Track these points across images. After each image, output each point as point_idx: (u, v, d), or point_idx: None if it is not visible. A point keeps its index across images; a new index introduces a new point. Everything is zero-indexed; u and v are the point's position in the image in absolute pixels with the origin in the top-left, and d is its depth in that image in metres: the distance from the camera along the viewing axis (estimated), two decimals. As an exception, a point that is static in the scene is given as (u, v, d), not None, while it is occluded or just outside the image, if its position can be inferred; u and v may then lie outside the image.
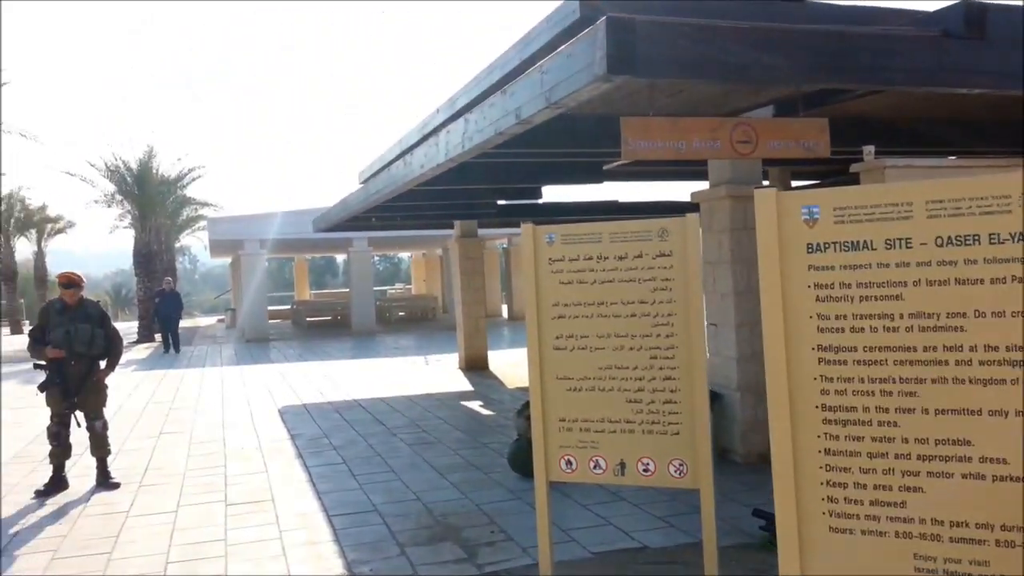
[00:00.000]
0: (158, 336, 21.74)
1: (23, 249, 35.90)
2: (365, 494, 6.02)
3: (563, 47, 4.15)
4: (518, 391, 11.02)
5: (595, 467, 3.65)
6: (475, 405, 10.03)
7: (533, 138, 5.97)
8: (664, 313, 3.49)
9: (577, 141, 7.00)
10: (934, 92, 4.96)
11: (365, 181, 12.29)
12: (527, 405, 7.58)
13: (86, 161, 26.14)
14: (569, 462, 3.71)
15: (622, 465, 3.60)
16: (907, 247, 2.27)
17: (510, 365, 14.00)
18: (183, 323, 27.77)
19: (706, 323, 6.41)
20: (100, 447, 6.57)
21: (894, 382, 2.33)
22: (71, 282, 6.47)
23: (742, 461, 6.40)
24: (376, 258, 44.22)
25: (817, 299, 2.34)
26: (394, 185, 8.03)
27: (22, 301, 34.32)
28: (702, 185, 7.29)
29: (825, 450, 2.42)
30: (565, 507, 5.37)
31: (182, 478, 6.75)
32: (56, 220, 36.86)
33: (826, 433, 2.40)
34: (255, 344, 21.53)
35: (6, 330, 33.25)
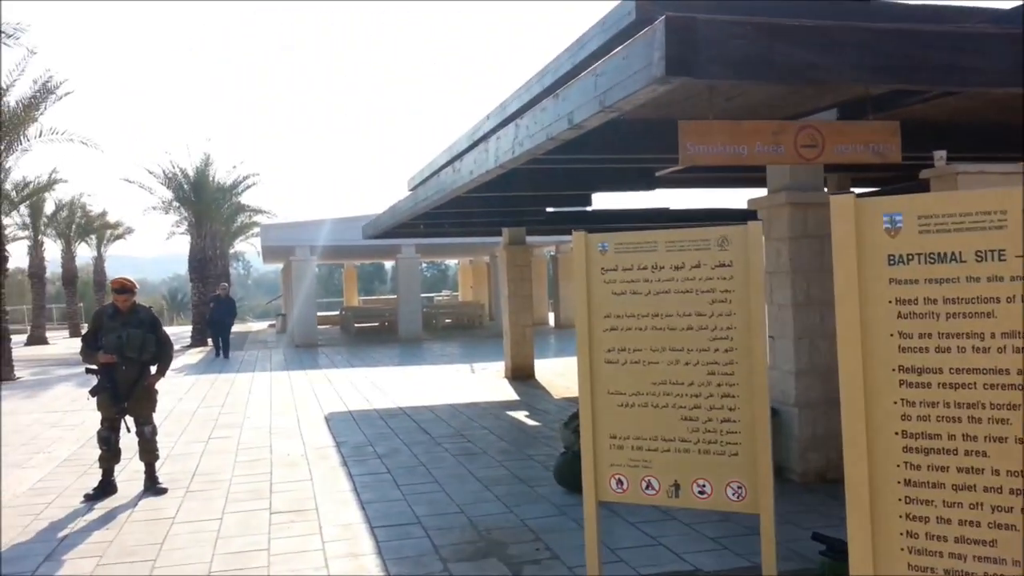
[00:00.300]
0: (211, 340, 21.91)
1: (83, 254, 37.03)
2: (408, 505, 5.92)
3: (618, 49, 4.00)
4: (564, 401, 10.84)
5: (647, 488, 3.47)
6: (521, 415, 9.88)
7: (584, 144, 5.83)
8: (723, 327, 3.30)
9: (628, 147, 6.83)
10: (1010, 93, 4.67)
11: (414, 188, 12.29)
12: (574, 417, 7.42)
13: (144, 168, 26.82)
14: (620, 481, 3.53)
15: (676, 486, 3.41)
16: (1000, 260, 2.06)
17: (556, 375, 13.82)
18: (235, 328, 28.30)
19: (762, 336, 6.17)
20: (148, 452, 6.61)
21: (984, 408, 2.12)
22: (124, 288, 6.53)
23: (799, 480, 6.13)
24: (423, 265, 44.50)
25: (899, 315, 2.14)
26: (443, 192, 7.96)
27: (81, 305, 35.36)
28: (758, 192, 7.05)
29: (905, 480, 2.21)
30: (613, 525, 5.19)
31: (228, 484, 6.75)
32: (115, 226, 37.95)
33: (906, 462, 2.20)
34: (304, 349, 21.75)
35: (65, 332, 34.30)
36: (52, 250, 33.49)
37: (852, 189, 10.07)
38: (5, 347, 16.62)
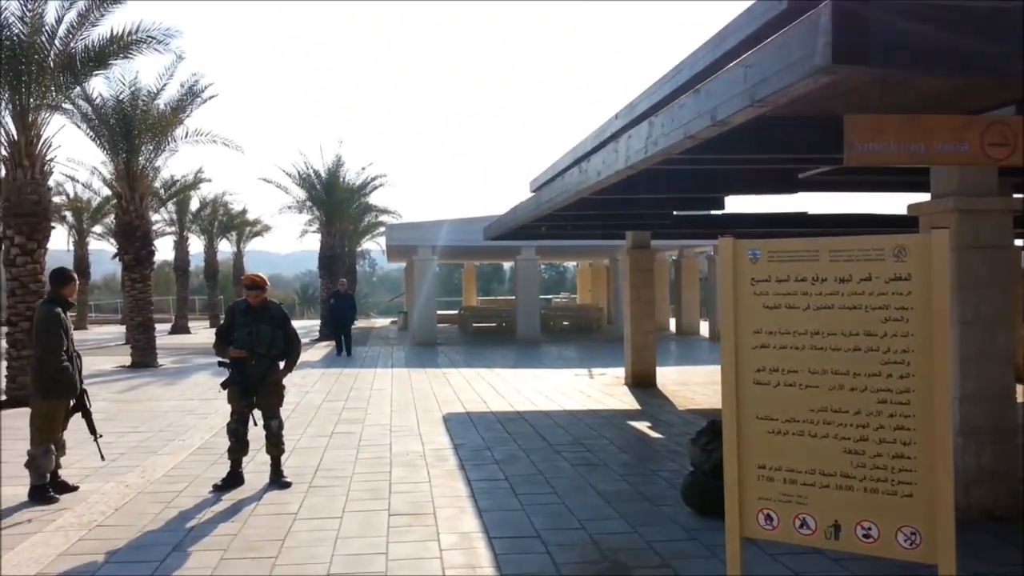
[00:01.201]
0: (333, 338, 21.46)
1: (224, 249, 39.33)
2: (527, 516, 5.71)
3: (774, 37, 3.62)
4: (689, 414, 10.36)
5: (801, 526, 3.09)
6: (642, 426, 9.50)
7: (719, 143, 5.43)
8: (898, 349, 2.88)
9: (768, 146, 6.34)
10: None
11: (537, 189, 12.12)
12: (702, 433, 6.99)
13: (280, 169, 28.19)
14: (769, 517, 3.17)
15: (836, 527, 3.01)
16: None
17: (679, 384, 13.31)
18: (359, 323, 29.16)
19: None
20: (275, 446, 6.72)
21: None
22: (255, 284, 6.67)
23: (963, 517, 5.45)
24: (542, 266, 44.53)
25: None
26: (567, 193, 7.72)
27: (221, 297, 37.53)
28: (913, 197, 6.42)
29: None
30: (749, 554, 4.77)
31: (349, 481, 6.77)
32: (254, 223, 40.10)
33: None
34: (424, 347, 22.09)
35: (205, 323, 36.51)
36: (196, 245, 35.82)
37: (1016, 195, 9.08)
38: (151, 336, 17.74)
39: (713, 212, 11.12)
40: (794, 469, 3.07)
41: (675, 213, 10.91)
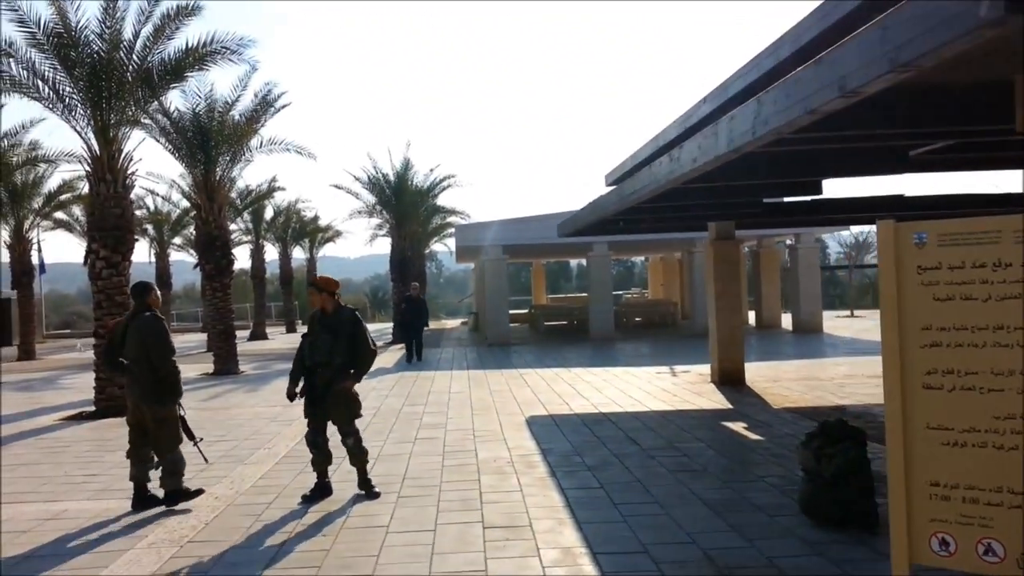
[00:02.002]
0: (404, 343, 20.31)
1: (298, 256, 40.06)
2: (631, 530, 5.33)
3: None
4: (786, 412, 9.79)
5: (986, 553, 2.64)
6: (738, 427, 8.99)
7: (838, 119, 4.94)
8: (1108, 344, 2.41)
9: (873, 122, 5.80)
10: None
11: (616, 182, 11.71)
12: (813, 436, 6.48)
13: (350, 173, 28.42)
14: (944, 542, 2.73)
15: (1031, 556, 2.56)
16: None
17: (769, 380, 12.69)
18: (430, 325, 29.18)
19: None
20: (355, 459, 6.51)
21: None
22: (311, 283, 6.63)
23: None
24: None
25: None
26: (656, 183, 7.30)
27: (296, 303, 38.21)
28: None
29: None
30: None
31: (438, 491, 6.52)
32: (326, 230, 40.70)
33: None
34: (497, 348, 21.88)
35: (282, 328, 37.21)
36: (270, 252, 36.54)
37: None
38: (231, 343, 18.00)
39: (805, 198, 10.52)
40: (976, 486, 2.63)
41: (765, 201, 10.34)
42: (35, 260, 29.70)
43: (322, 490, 6.43)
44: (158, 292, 6.72)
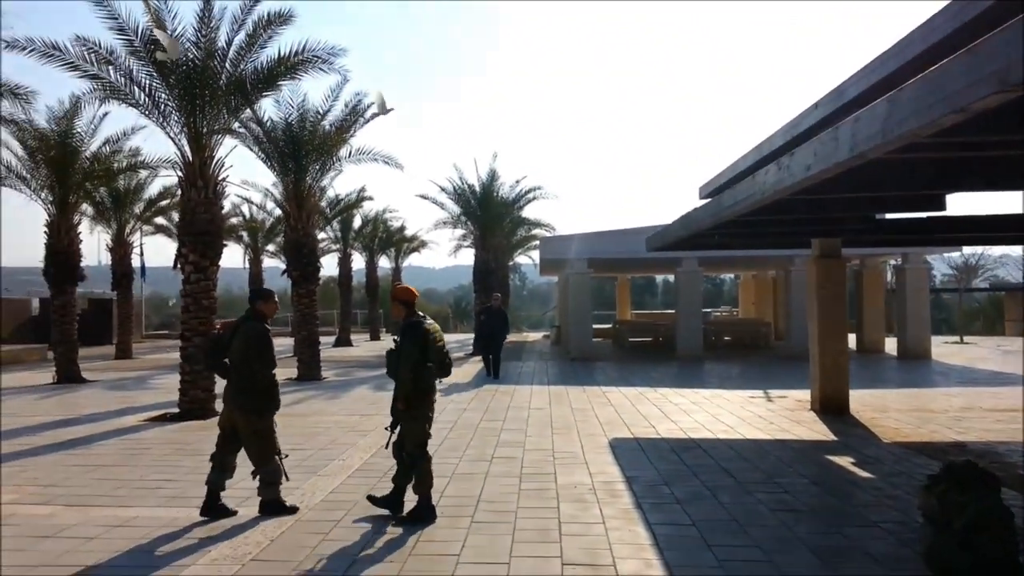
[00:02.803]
0: (482, 357, 19.01)
1: (383, 264, 40.55)
2: (728, 578, 4.76)
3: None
4: (898, 448, 8.90)
5: None
6: (845, 462, 8.19)
7: (986, 121, 4.28)
8: None
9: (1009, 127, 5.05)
10: None
11: (711, 194, 11.08)
12: (937, 479, 5.73)
13: (435, 184, 28.42)
14: None
15: None
16: None
17: (877, 411, 11.71)
18: (511, 337, 28.77)
19: None
20: (403, 475, 6.16)
21: None
22: (392, 295, 6.43)
23: None
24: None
25: None
26: (760, 194, 6.69)
27: (381, 311, 38.62)
28: None
29: None
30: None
31: (514, 518, 6.08)
32: (412, 240, 41.09)
33: None
34: (580, 363, 21.32)
35: (366, 335, 37.67)
36: (357, 261, 37.09)
37: None
38: (315, 349, 18.10)
39: (921, 215, 9.63)
40: None
41: (877, 217, 9.51)
42: (136, 263, 31.07)
43: (390, 502, 6.08)
44: (276, 301, 6.66)
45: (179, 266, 12.18)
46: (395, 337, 6.30)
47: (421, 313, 6.28)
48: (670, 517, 6.09)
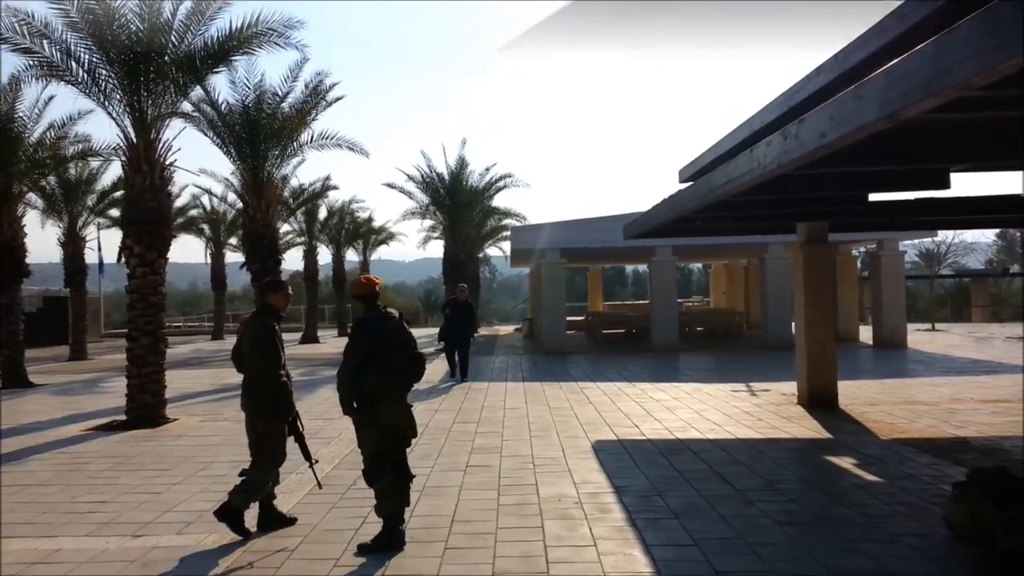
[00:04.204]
0: (446, 356, 16.64)
1: (351, 259, 39.54)
2: (744, 613, 4.10)
3: None
4: (898, 445, 8.36)
5: None
6: (846, 463, 7.62)
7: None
8: None
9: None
10: None
11: (693, 177, 10.45)
12: (965, 487, 5.16)
13: (402, 172, 27.66)
14: None
15: None
16: None
17: (866, 404, 11.21)
18: (482, 331, 28.01)
19: None
20: (377, 505, 5.42)
21: None
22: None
23: None
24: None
25: None
26: (760, 170, 6.04)
27: (349, 306, 37.63)
28: None
29: None
30: None
31: (493, 540, 5.38)
32: (379, 232, 40.13)
33: None
34: (554, 357, 20.67)
35: (334, 331, 36.66)
36: (324, 254, 36.04)
37: None
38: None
39: (915, 196, 9.11)
40: None
41: (872, 198, 8.94)
42: (94, 259, 29.75)
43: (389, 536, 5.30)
44: (288, 291, 6.01)
45: (123, 259, 11.25)
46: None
47: (390, 308, 5.54)
48: (669, 536, 5.43)
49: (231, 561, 5.05)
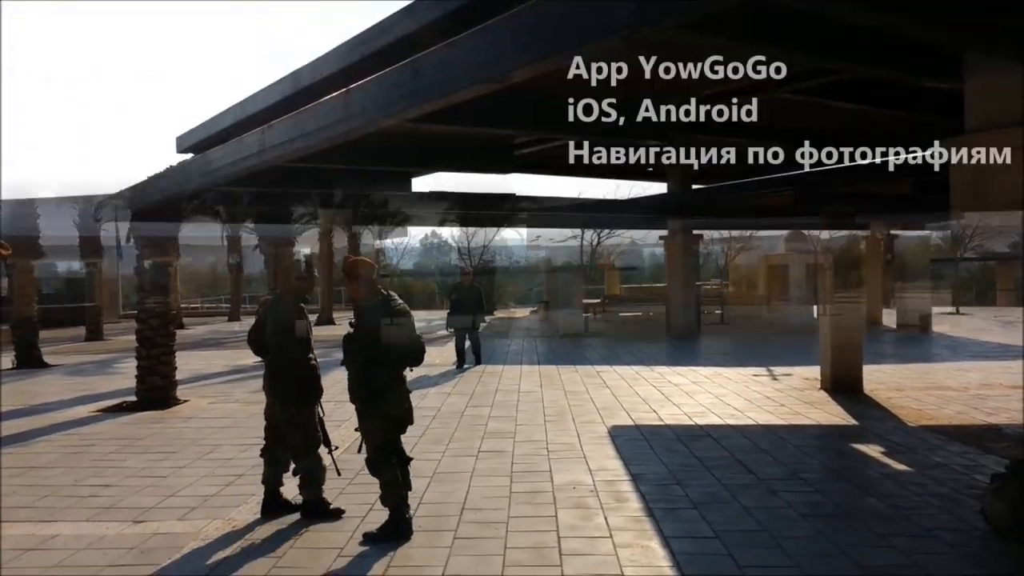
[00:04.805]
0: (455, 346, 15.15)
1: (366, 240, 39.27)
2: (770, 612, 3.86)
3: None
4: (927, 432, 8.06)
5: None
6: (874, 451, 7.33)
7: None
8: None
9: None
10: None
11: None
12: (1005, 479, 4.87)
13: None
14: None
15: None
16: None
17: (892, 390, 10.88)
18: (497, 314, 27.67)
19: None
20: (382, 495, 5.21)
21: None
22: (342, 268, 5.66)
23: None
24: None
25: None
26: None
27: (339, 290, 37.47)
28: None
29: None
30: None
31: (504, 530, 5.16)
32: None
33: None
34: (569, 340, 20.40)
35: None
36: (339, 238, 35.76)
37: None
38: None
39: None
40: None
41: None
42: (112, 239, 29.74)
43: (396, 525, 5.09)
44: (313, 270, 6.08)
45: (132, 239, 11.09)
46: (351, 320, 5.33)
47: (386, 291, 5.31)
48: (688, 527, 5.18)
49: (231, 551, 4.87)
